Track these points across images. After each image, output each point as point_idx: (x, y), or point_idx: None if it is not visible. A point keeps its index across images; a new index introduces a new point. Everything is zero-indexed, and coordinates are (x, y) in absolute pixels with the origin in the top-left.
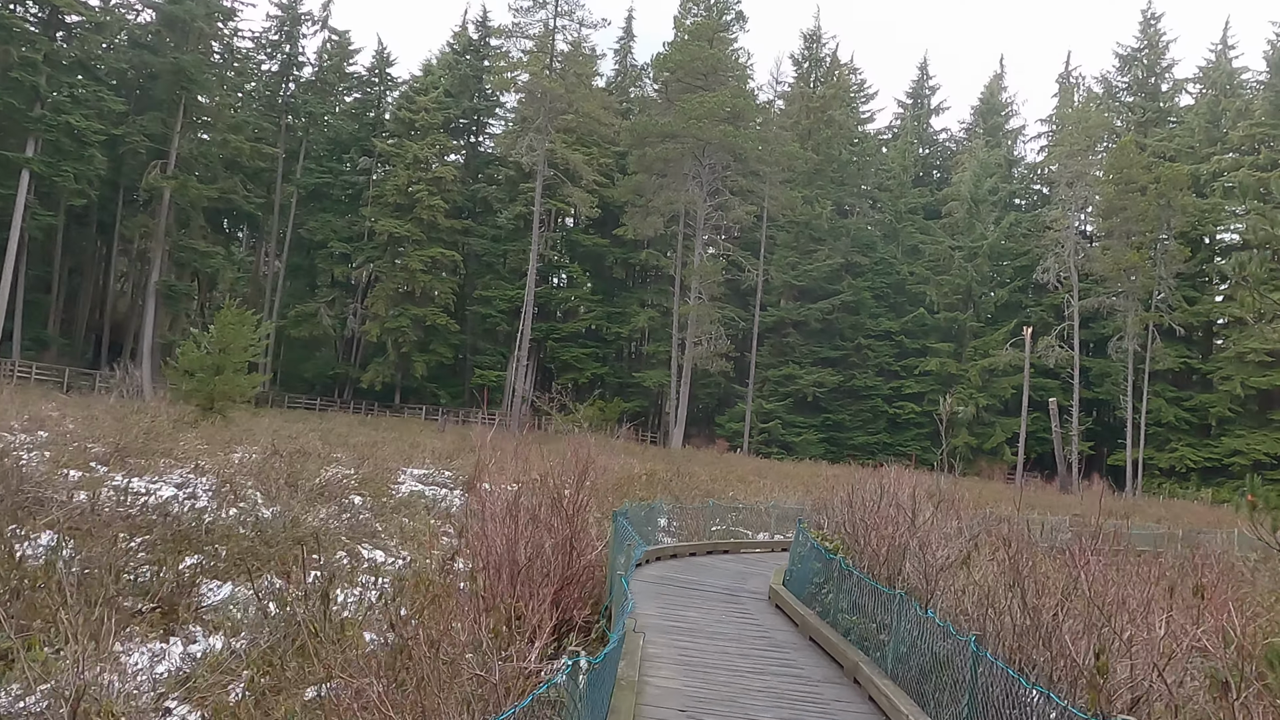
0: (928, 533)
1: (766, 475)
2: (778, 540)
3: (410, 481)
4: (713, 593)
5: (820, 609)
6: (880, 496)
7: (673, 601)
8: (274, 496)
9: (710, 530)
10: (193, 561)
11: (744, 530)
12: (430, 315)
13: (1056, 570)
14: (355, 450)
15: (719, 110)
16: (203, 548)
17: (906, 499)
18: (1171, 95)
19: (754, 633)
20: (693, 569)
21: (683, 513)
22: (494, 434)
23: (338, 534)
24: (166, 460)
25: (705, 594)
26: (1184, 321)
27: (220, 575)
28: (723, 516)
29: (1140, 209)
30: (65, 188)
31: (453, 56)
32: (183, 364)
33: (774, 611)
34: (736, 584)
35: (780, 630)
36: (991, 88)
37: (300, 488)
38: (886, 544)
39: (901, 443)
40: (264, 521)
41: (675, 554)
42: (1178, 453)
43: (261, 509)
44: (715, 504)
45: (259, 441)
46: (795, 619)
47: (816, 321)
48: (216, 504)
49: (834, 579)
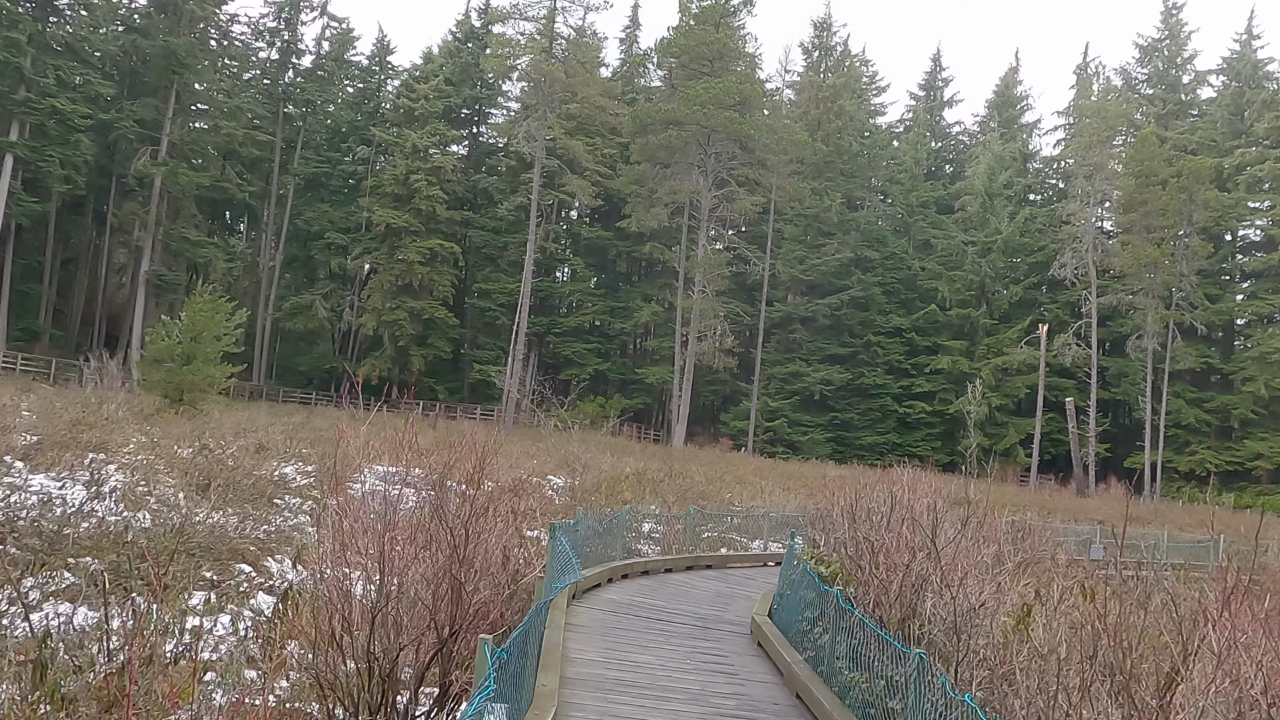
0: (954, 560)
1: (768, 476)
2: (773, 552)
3: (372, 480)
4: (682, 624)
5: (813, 654)
6: (890, 507)
7: (626, 639)
8: (195, 498)
9: (701, 537)
10: (36, 580)
11: (736, 537)
12: (428, 308)
13: (1157, 620)
14: (322, 445)
15: (725, 96)
16: (68, 560)
17: (924, 512)
18: (1193, 87)
19: (724, 688)
20: (666, 590)
21: (668, 519)
22: (485, 430)
23: (244, 544)
24: (101, 455)
25: (672, 626)
26: (1205, 320)
27: (77, 596)
28: (711, 523)
29: (1161, 203)
30: (51, 173)
31: (455, 44)
32: (151, 353)
33: (755, 652)
34: (715, 611)
35: (760, 681)
36: (1006, 80)
37: (236, 487)
38: (899, 574)
39: (911, 443)
40: (145, 529)
41: (648, 570)
42: (1198, 456)
43: (146, 514)
44: (699, 510)
45: (222, 436)
46: (780, 666)
47: (824, 317)
48: (121, 506)
49: (830, 617)
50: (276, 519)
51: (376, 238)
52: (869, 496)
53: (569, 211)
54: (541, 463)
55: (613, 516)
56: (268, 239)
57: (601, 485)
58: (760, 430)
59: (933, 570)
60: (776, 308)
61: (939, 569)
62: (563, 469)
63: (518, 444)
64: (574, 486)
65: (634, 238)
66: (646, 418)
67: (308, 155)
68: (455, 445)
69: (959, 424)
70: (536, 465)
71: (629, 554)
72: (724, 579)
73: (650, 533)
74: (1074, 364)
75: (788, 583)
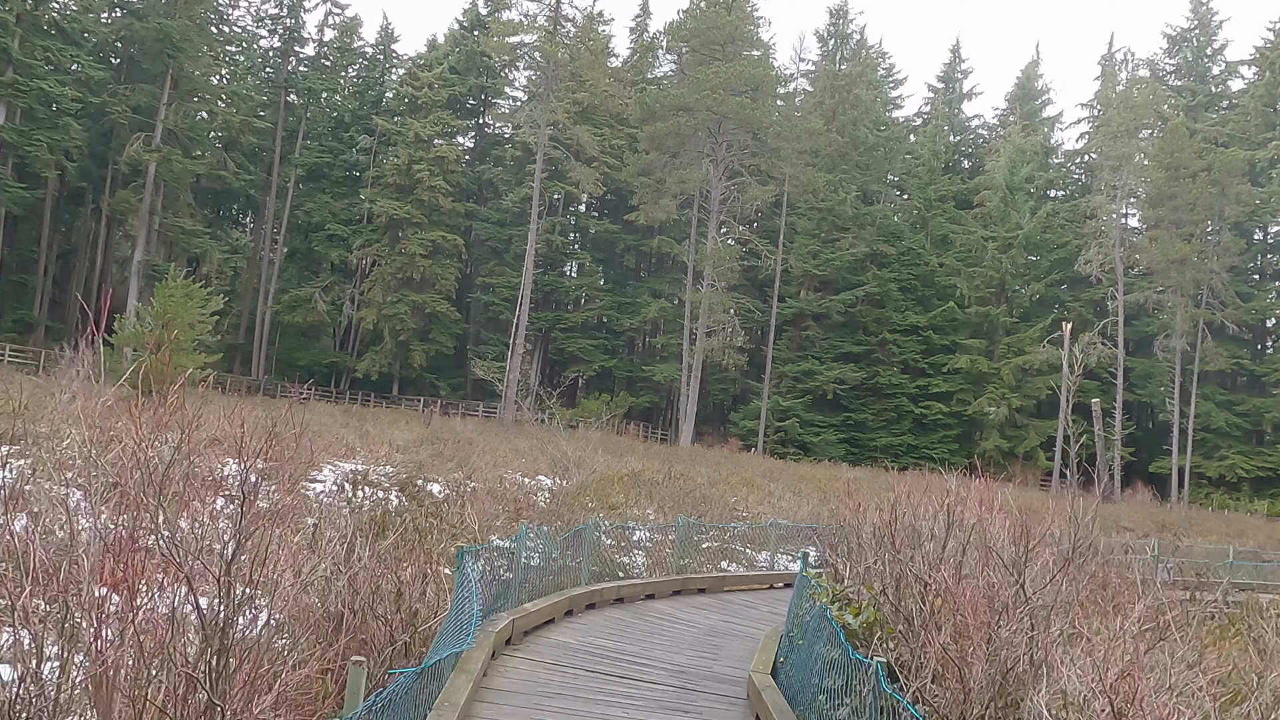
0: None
1: (778, 478)
2: (781, 571)
3: (332, 479)
4: (654, 684)
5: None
6: (946, 528)
7: (569, 707)
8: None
9: (700, 547)
10: None
11: (739, 547)
12: (430, 302)
13: None
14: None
15: (736, 81)
16: None
17: (1001, 537)
18: (1224, 78)
19: None
20: (641, 626)
21: (660, 529)
22: (479, 427)
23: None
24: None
25: (639, 689)
26: (1236, 319)
27: None
28: (711, 533)
29: (1192, 196)
30: (39, 158)
31: (461, 32)
32: (119, 340)
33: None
34: (702, 660)
35: None
36: (1028, 73)
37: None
38: (979, 640)
39: (927, 445)
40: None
41: (623, 596)
42: (1228, 461)
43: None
44: (693, 521)
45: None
46: None
47: (838, 314)
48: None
49: (865, 700)
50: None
51: (378, 229)
52: (908, 509)
53: (577, 205)
54: (532, 462)
55: (574, 531)
56: (269, 231)
57: (588, 488)
58: (771, 430)
59: (1051, 653)
60: (789, 304)
61: (1058, 653)
62: (555, 469)
63: (512, 441)
64: (559, 489)
65: (642, 231)
66: (654, 417)
67: (310, 145)
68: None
69: (977, 426)
70: (525, 464)
71: (603, 574)
72: (720, 608)
73: (641, 542)
74: (1100, 364)
75: (798, 624)
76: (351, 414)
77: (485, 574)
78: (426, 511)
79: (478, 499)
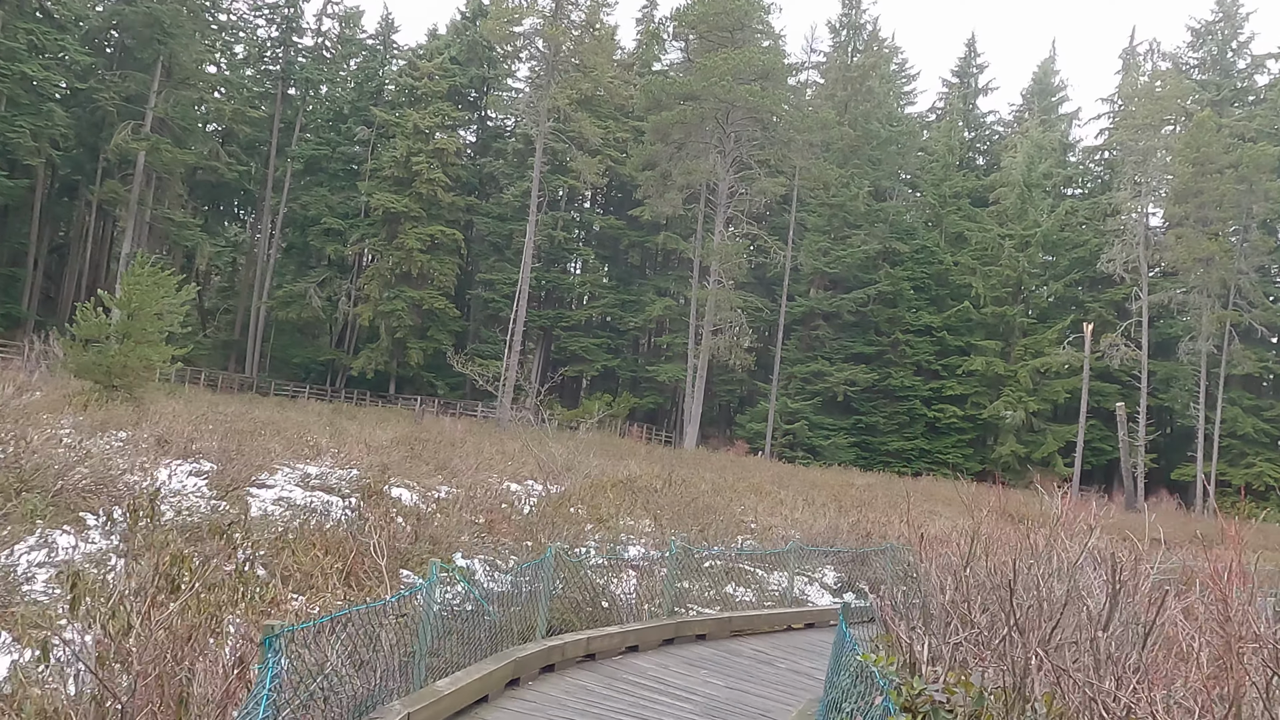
0: None
1: (788, 484)
2: (801, 602)
3: (284, 485)
4: None
5: None
6: (1112, 596)
7: None
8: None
9: (702, 566)
10: None
11: (748, 567)
12: (428, 299)
13: None
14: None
15: (745, 68)
16: None
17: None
18: (1250, 72)
19: None
20: (614, 704)
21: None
22: (471, 427)
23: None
24: None
25: None
26: (1265, 320)
27: None
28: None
29: (1219, 193)
30: (22, 145)
31: (462, 23)
32: (81, 332)
33: None
34: None
35: None
36: (1044, 68)
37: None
38: None
39: (941, 450)
40: None
41: (594, 653)
42: (1255, 468)
43: None
44: (681, 545)
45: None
46: None
47: (849, 313)
48: None
49: None
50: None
51: (375, 224)
52: (1022, 554)
53: (580, 200)
54: (521, 465)
55: (530, 564)
56: (266, 226)
57: (573, 495)
58: (779, 433)
59: None
60: (798, 302)
61: None
62: (542, 473)
63: (502, 443)
64: (542, 496)
65: (647, 227)
66: (658, 419)
67: (307, 137)
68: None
69: (992, 430)
70: (514, 468)
71: (580, 604)
72: (724, 665)
73: (634, 560)
74: (1121, 367)
75: (837, 709)
76: (340, 413)
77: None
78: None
79: (446, 507)
